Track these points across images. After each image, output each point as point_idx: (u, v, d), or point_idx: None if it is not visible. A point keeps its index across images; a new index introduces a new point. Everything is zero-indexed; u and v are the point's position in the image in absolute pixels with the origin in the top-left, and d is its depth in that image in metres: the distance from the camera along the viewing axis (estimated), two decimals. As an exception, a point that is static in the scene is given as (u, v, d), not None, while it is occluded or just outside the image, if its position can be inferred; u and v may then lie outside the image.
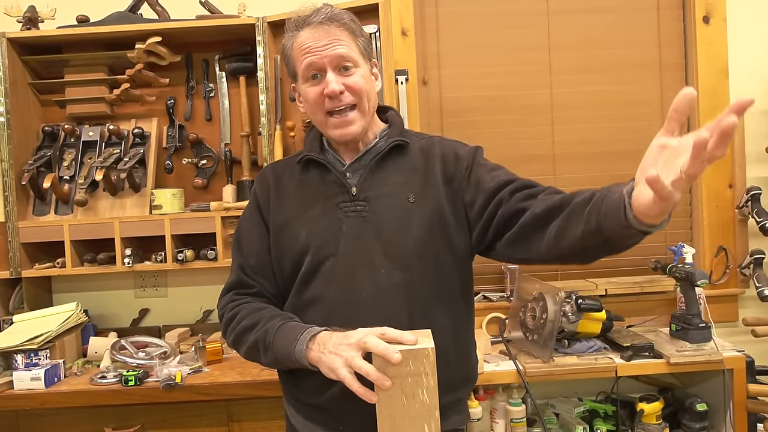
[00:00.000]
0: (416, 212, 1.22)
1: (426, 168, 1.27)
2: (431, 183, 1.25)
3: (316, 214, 1.25)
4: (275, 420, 1.64)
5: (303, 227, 1.25)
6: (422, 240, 1.22)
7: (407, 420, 1.01)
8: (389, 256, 1.21)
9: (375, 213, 1.23)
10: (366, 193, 1.24)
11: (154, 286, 2.30)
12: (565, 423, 1.98)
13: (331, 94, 1.20)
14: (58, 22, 2.11)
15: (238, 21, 2.03)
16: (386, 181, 1.25)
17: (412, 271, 1.21)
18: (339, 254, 1.22)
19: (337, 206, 1.24)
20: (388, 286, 1.20)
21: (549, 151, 2.28)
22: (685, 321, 1.91)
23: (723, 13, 2.21)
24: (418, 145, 1.31)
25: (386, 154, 1.27)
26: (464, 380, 1.31)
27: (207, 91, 2.22)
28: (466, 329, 1.32)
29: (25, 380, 1.74)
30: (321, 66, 1.21)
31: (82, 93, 2.12)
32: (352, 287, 1.20)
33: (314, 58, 1.21)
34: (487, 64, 2.27)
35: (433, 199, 1.24)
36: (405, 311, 1.20)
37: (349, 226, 1.23)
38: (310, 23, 1.23)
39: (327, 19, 1.22)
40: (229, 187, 2.14)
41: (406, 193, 1.24)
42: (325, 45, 1.21)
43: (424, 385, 1.00)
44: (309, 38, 1.22)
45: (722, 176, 2.21)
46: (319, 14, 1.23)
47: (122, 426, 1.74)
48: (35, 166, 2.04)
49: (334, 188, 1.26)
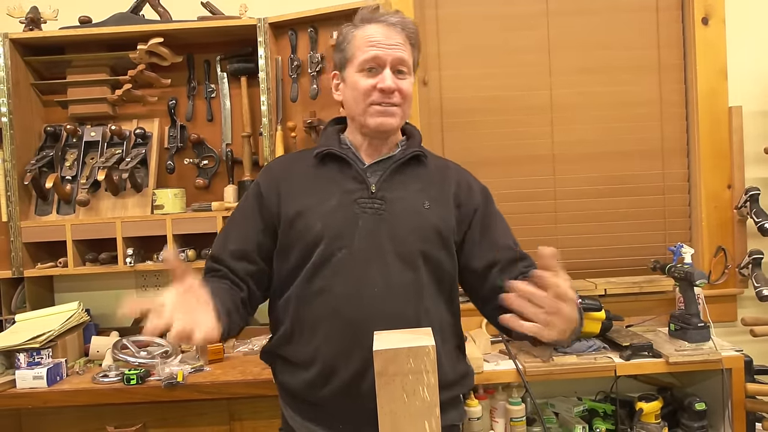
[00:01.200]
0: (429, 219, 1.28)
1: (442, 185, 1.34)
2: (444, 198, 1.32)
3: (332, 206, 1.27)
4: (276, 419, 1.64)
5: (318, 218, 1.26)
6: (430, 244, 1.27)
7: (408, 417, 1.02)
8: (400, 255, 1.25)
9: (391, 213, 1.27)
10: (384, 192, 1.28)
11: (155, 285, 2.31)
12: (564, 422, 1.98)
13: (387, 89, 1.26)
14: (61, 23, 2.12)
15: (239, 22, 2.04)
16: (405, 185, 1.30)
17: (420, 272, 1.26)
18: (353, 247, 1.24)
19: (355, 201, 1.27)
20: (399, 284, 1.24)
21: (548, 152, 2.29)
22: (684, 321, 1.92)
23: (722, 14, 2.22)
24: (434, 162, 1.39)
25: (406, 162, 1.32)
26: (462, 377, 1.35)
27: (208, 91, 2.23)
28: (459, 329, 1.38)
29: (27, 379, 1.75)
30: (383, 62, 1.27)
31: (84, 93, 2.13)
32: (363, 281, 1.23)
33: (380, 53, 1.26)
34: (487, 65, 2.28)
35: (444, 212, 1.31)
36: (412, 308, 1.24)
37: (366, 222, 1.25)
38: (383, 21, 1.29)
39: (399, 23, 1.29)
40: (230, 187, 2.14)
41: (422, 199, 1.30)
42: (393, 45, 1.27)
43: (425, 382, 1.01)
44: (380, 34, 1.28)
45: (721, 177, 2.22)
46: (394, 17, 1.30)
47: (124, 425, 1.75)
48: (37, 166, 2.05)
49: (353, 183, 1.29)
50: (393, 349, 1.02)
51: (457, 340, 1.36)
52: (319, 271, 1.25)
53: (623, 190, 2.27)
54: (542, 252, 0.99)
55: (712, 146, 2.22)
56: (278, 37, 2.10)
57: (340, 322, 1.22)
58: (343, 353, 1.21)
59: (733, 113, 2.21)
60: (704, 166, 2.22)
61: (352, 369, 1.21)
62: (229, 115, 2.23)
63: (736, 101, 2.22)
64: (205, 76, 2.22)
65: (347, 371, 1.21)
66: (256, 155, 2.16)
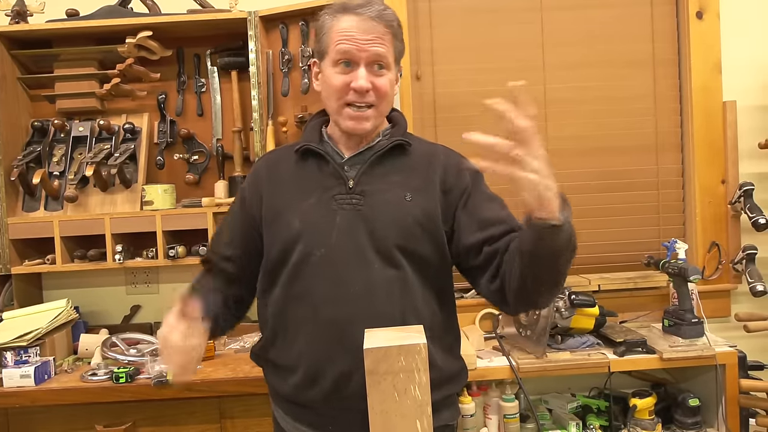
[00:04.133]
0: (411, 211, 1.23)
1: (426, 172, 1.27)
2: (429, 187, 1.26)
3: (311, 203, 1.25)
4: (267, 417, 1.63)
5: (297, 216, 1.24)
6: (414, 239, 1.22)
7: (399, 416, 1.01)
8: (380, 251, 1.21)
9: (370, 207, 1.22)
10: (363, 187, 1.24)
11: (145, 282, 2.28)
12: (558, 418, 1.98)
13: (359, 90, 1.21)
14: (48, 16, 2.09)
15: (229, 15, 2.01)
16: (384, 178, 1.26)
17: (403, 269, 1.21)
18: (331, 246, 1.21)
19: (333, 198, 1.24)
20: (382, 282, 1.20)
21: (543, 147, 2.27)
22: (677, 316, 1.91)
23: (716, 8, 2.21)
24: (420, 148, 1.32)
25: (387, 152, 1.27)
26: (453, 375, 1.31)
27: (198, 86, 2.20)
28: (452, 324, 1.33)
29: (14, 378, 1.72)
30: (357, 58, 1.21)
31: (72, 88, 2.10)
32: (342, 281, 1.20)
33: (352, 48, 1.20)
34: (480, 59, 2.26)
35: (428, 203, 1.25)
36: (398, 307, 1.20)
37: (343, 219, 1.22)
38: (360, 14, 1.21)
39: (377, 15, 1.21)
40: (220, 182, 2.12)
41: (402, 191, 1.24)
42: (368, 40, 1.20)
43: (416, 381, 1.00)
44: (353, 27, 1.21)
45: (715, 172, 2.22)
46: (372, 8, 1.21)
47: (113, 423, 1.73)
48: (24, 162, 2.02)
49: (331, 179, 1.26)
50: (384, 347, 1.01)
51: (450, 337, 1.32)
52: (298, 273, 1.23)
53: (617, 185, 2.25)
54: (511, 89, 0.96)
55: (707, 141, 2.21)
56: (269, 31, 2.08)
57: (322, 325, 1.20)
58: (327, 356, 1.19)
59: (728, 108, 2.20)
60: (698, 161, 2.22)
61: (337, 371, 1.19)
62: (220, 109, 2.20)
63: (731, 96, 2.21)
64: (195, 70, 2.20)
65: (332, 373, 1.19)
66: (246, 150, 2.14)
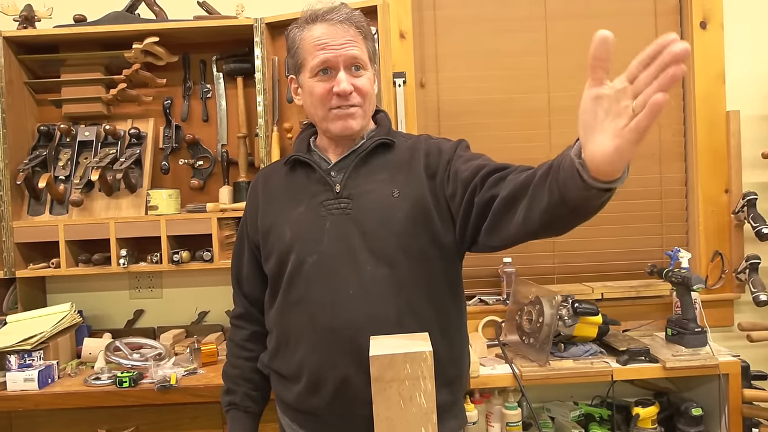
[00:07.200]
0: (400, 207, 1.21)
1: (410, 163, 1.27)
2: (415, 177, 1.25)
3: (300, 212, 1.26)
4: (269, 423, 1.63)
5: (288, 226, 1.26)
6: (407, 234, 1.21)
7: (404, 424, 1.01)
8: (374, 251, 1.20)
9: (358, 210, 1.22)
10: (350, 190, 1.24)
11: (149, 287, 2.29)
12: (560, 427, 1.98)
13: (343, 93, 1.21)
14: (55, 22, 2.10)
15: (236, 22, 2.02)
16: (370, 178, 1.25)
17: (398, 267, 1.20)
18: (323, 252, 1.21)
19: (321, 204, 1.24)
20: (374, 282, 1.19)
21: (546, 155, 2.27)
22: (680, 325, 1.91)
23: (720, 18, 2.21)
24: (404, 143, 1.31)
25: (370, 152, 1.27)
26: (455, 379, 1.28)
27: (204, 91, 2.21)
28: (457, 327, 1.30)
29: (18, 381, 1.73)
30: (335, 64, 1.22)
31: (78, 93, 2.11)
32: (336, 285, 1.20)
33: (330, 56, 1.21)
34: (484, 67, 2.27)
35: (417, 194, 1.23)
36: (393, 307, 1.19)
37: (333, 224, 1.22)
38: (328, 20, 1.22)
39: (346, 18, 1.23)
40: (225, 188, 2.13)
41: (390, 189, 1.23)
42: (342, 44, 1.21)
43: (422, 388, 1.00)
44: (325, 35, 1.22)
45: (718, 181, 2.22)
46: (339, 13, 1.23)
47: (116, 428, 1.73)
48: (30, 166, 2.03)
49: (318, 187, 1.26)
50: (389, 354, 1.01)
51: (452, 338, 1.27)
52: (294, 281, 1.24)
53: (620, 194, 2.19)
54: None
55: (710, 150, 2.22)
56: (275, 38, 2.09)
57: (320, 331, 1.20)
58: (328, 362, 1.19)
59: (731, 117, 2.21)
60: (702, 171, 2.22)
61: (339, 377, 1.18)
62: (225, 115, 2.21)
63: (734, 105, 2.22)
64: (200, 76, 2.21)
65: (334, 379, 1.19)
66: (251, 156, 2.15)
